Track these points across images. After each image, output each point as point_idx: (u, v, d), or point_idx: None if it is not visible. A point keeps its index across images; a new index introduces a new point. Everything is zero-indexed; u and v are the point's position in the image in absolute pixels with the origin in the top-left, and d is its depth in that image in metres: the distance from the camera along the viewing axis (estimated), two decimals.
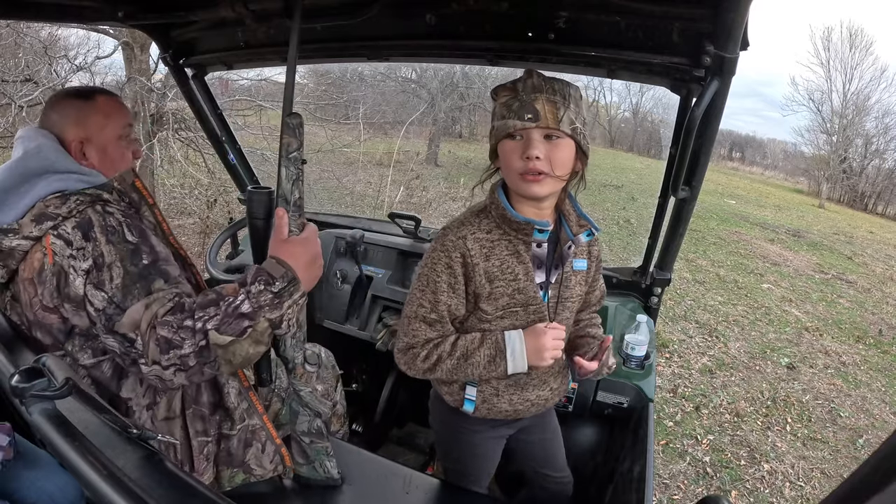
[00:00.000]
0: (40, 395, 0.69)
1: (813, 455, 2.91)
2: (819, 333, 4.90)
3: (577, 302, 1.15)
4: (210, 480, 1.08)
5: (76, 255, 0.88)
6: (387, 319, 1.95)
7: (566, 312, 1.13)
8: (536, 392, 1.18)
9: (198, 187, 5.09)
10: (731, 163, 33.37)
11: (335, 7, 1.09)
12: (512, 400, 1.16)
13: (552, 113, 0.92)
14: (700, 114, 0.90)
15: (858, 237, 11.48)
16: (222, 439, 1.10)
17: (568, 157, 0.96)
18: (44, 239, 0.90)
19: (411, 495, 1.29)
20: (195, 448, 1.05)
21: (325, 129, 6.34)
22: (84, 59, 4.96)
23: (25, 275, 0.92)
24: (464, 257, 1.01)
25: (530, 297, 1.05)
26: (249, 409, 1.14)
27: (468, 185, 10.02)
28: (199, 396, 1.06)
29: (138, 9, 1.28)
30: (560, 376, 1.24)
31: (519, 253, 1.03)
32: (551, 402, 1.25)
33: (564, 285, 1.10)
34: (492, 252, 1.02)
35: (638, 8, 0.92)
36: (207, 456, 1.07)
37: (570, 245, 1.06)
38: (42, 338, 0.94)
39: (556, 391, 1.25)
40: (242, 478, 1.13)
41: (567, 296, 1.11)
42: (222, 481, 1.11)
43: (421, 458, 2.10)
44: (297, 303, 0.90)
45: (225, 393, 1.11)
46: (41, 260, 0.90)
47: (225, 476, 1.11)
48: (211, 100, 1.81)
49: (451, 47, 1.22)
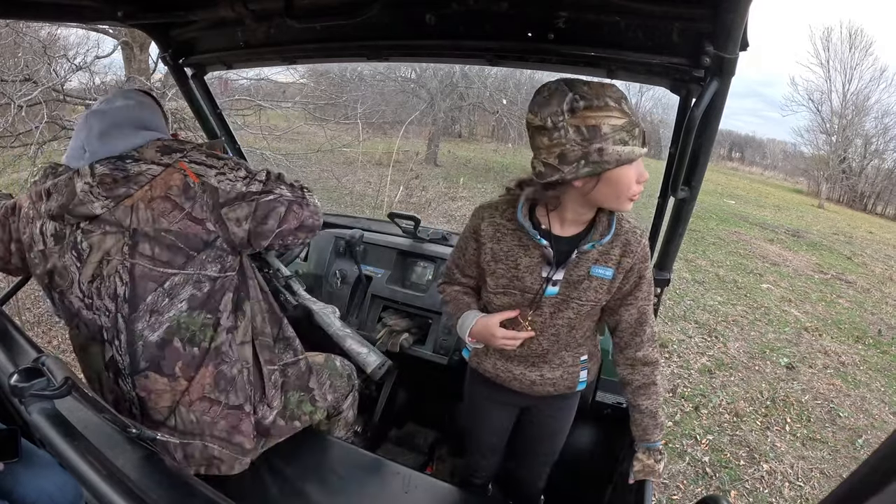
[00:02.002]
0: (39, 395, 0.69)
1: (812, 455, 2.91)
2: (818, 333, 4.90)
3: (588, 306, 1.14)
4: (279, 408, 1.22)
5: (224, 170, 1.06)
6: (386, 319, 1.94)
7: (570, 312, 1.14)
8: (522, 370, 1.26)
9: None
10: (730, 163, 33.41)
11: (335, 6, 1.09)
12: (496, 365, 1.28)
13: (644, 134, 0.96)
14: (700, 114, 0.90)
15: (858, 237, 11.49)
16: (287, 367, 1.26)
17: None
18: (177, 164, 1.03)
19: (410, 495, 1.29)
20: (265, 374, 1.17)
21: (325, 129, 6.34)
22: (83, 58, 4.94)
23: (156, 193, 1.00)
24: (476, 234, 1.16)
25: (527, 286, 1.12)
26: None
27: (468, 185, 10.03)
28: (264, 328, 1.18)
29: (138, 8, 1.28)
30: (560, 370, 1.25)
31: (526, 246, 1.11)
32: (540, 389, 1.27)
33: (574, 286, 1.11)
34: (503, 237, 1.12)
35: (638, 8, 0.92)
36: (275, 383, 1.21)
37: (580, 252, 1.08)
38: (174, 245, 1.01)
39: (550, 381, 1.26)
40: (309, 409, 1.30)
41: (575, 297, 1.12)
42: (290, 406, 1.26)
43: (420, 459, 2.10)
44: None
45: (284, 325, 1.27)
46: (182, 180, 1.02)
47: (293, 400, 1.27)
48: (210, 99, 1.81)
49: (451, 47, 1.22)
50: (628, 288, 1.15)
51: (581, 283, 1.11)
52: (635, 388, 1.21)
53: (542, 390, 1.28)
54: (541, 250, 1.09)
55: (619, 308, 1.17)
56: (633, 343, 1.20)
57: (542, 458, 1.51)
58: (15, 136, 4.46)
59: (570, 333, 1.20)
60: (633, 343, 1.20)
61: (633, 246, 1.10)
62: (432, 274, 1.97)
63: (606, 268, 1.11)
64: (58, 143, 4.70)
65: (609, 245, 1.10)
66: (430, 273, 1.98)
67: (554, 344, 1.21)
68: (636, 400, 1.21)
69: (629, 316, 1.17)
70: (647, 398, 1.21)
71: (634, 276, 1.13)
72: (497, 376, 1.30)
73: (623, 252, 1.10)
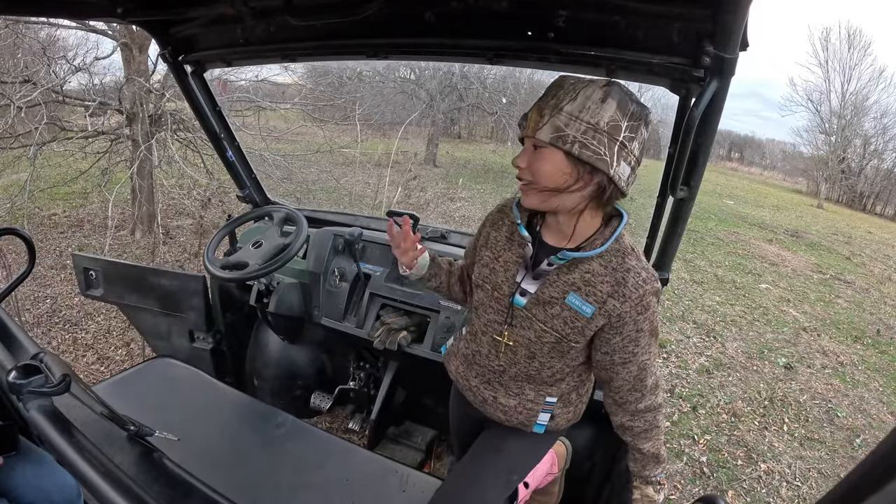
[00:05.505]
0: (38, 392, 0.69)
1: (810, 455, 2.92)
2: (817, 333, 4.91)
3: (552, 337, 0.99)
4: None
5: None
6: (385, 317, 1.94)
7: (530, 333, 1.01)
8: (478, 384, 1.16)
9: (196, 188, 5.08)
10: (729, 163, 33.45)
11: (335, 4, 1.09)
12: (458, 368, 1.22)
13: (535, 121, 0.88)
14: (699, 114, 0.90)
15: (857, 237, 11.50)
16: None
17: (550, 169, 0.88)
18: None
19: (408, 493, 1.29)
20: None
21: (324, 130, 6.33)
22: (83, 59, 4.94)
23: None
24: (486, 219, 1.14)
25: (498, 284, 1.05)
26: None
27: (466, 186, 10.02)
28: None
29: (137, 5, 1.27)
30: (516, 399, 1.12)
31: (512, 240, 1.06)
32: (490, 411, 1.15)
33: (542, 306, 0.99)
34: (501, 226, 1.09)
35: (638, 7, 0.92)
36: None
37: (549, 262, 0.97)
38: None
39: (501, 408, 1.13)
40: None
41: (541, 319, 0.99)
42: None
43: (418, 457, 2.11)
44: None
45: None
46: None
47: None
48: (210, 97, 1.81)
49: (451, 46, 1.22)
50: (619, 341, 0.97)
51: (551, 307, 0.98)
52: (636, 434, 1.08)
53: (493, 414, 1.15)
54: (523, 248, 1.01)
55: (613, 366, 1.01)
56: (632, 399, 1.04)
57: (491, 482, 1.18)
58: (14, 137, 4.46)
59: (529, 362, 1.06)
60: (632, 399, 1.04)
61: (628, 289, 0.92)
62: None
63: (585, 302, 0.95)
64: (57, 144, 4.70)
65: (598, 275, 0.94)
66: None
67: (511, 365, 1.08)
68: (637, 444, 1.08)
69: (627, 374, 1.01)
70: (648, 441, 1.08)
71: (629, 329, 0.95)
72: (457, 380, 1.22)
73: (613, 291, 0.93)
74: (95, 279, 2.18)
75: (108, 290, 2.18)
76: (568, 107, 0.85)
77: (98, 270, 2.16)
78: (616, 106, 0.85)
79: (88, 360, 3.08)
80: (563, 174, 0.88)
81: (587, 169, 0.87)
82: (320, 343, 2.35)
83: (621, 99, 0.86)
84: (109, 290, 2.19)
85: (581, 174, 0.88)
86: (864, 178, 19.45)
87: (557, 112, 0.85)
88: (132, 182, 4.95)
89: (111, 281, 2.17)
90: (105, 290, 2.19)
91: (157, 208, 5.09)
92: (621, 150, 0.87)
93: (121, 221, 5.48)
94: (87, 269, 2.17)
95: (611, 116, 0.85)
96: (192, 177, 4.94)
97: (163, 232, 4.94)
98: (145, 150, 4.52)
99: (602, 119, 0.85)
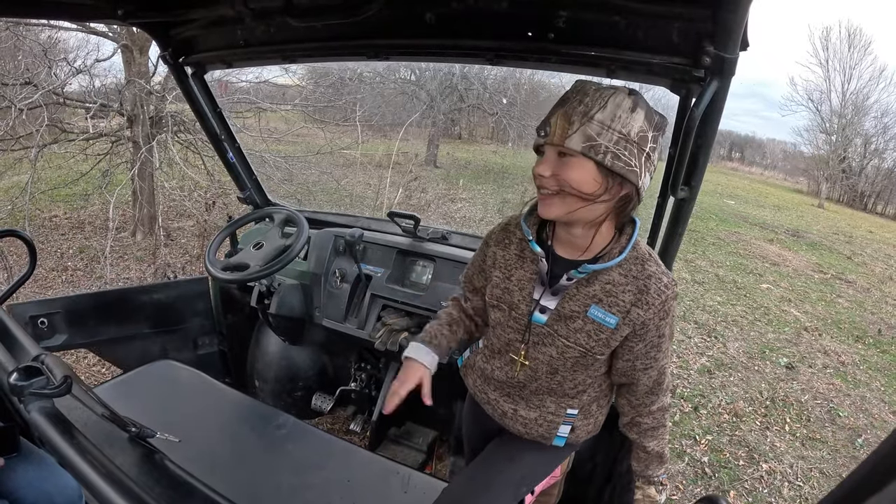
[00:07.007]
0: (39, 393, 0.69)
1: (812, 455, 2.91)
2: (818, 333, 4.90)
3: (577, 351, 0.98)
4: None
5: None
6: (386, 318, 1.94)
7: (552, 350, 1.00)
8: (497, 397, 1.15)
9: (197, 189, 5.08)
10: (730, 163, 33.43)
11: (335, 5, 1.09)
12: (476, 382, 1.20)
13: (562, 128, 0.84)
14: (700, 114, 0.90)
15: (858, 237, 11.49)
16: None
17: (581, 179, 0.85)
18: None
19: (409, 494, 1.29)
20: None
21: (324, 131, 6.33)
22: (83, 61, 4.96)
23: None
24: (489, 238, 1.11)
25: (514, 304, 1.03)
26: None
27: (467, 187, 10.03)
28: None
29: (138, 7, 1.27)
30: (536, 412, 1.11)
31: (524, 258, 1.03)
32: (510, 424, 1.14)
33: (564, 322, 0.97)
34: (509, 245, 1.06)
35: (638, 8, 0.92)
36: None
37: (568, 277, 0.95)
38: None
39: (521, 420, 1.12)
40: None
41: (563, 334, 0.98)
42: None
43: (419, 458, 2.10)
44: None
45: None
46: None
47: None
48: (210, 98, 1.81)
49: (451, 46, 1.22)
50: (642, 347, 0.97)
51: (573, 321, 0.96)
52: (643, 431, 1.10)
53: (513, 427, 1.14)
54: (536, 265, 0.99)
55: (634, 372, 1.02)
56: (648, 402, 1.07)
57: (501, 490, 1.18)
58: (15, 139, 4.47)
59: (551, 377, 1.05)
60: (648, 402, 1.07)
61: (651, 296, 0.92)
62: (432, 273, 1.97)
63: (608, 313, 0.94)
64: (58, 146, 4.71)
65: (619, 285, 0.93)
66: (430, 272, 1.98)
67: (531, 381, 1.07)
68: (643, 441, 1.10)
69: (648, 378, 1.02)
70: (654, 439, 1.10)
71: (651, 335, 0.95)
72: (475, 394, 1.21)
73: (636, 300, 0.92)
74: (48, 328, 1.77)
75: (74, 333, 1.84)
76: (599, 115, 0.82)
77: (54, 314, 1.79)
78: (644, 116, 0.84)
79: (90, 361, 3.08)
80: (594, 184, 0.85)
81: (617, 180, 0.86)
82: (321, 344, 2.35)
83: (648, 108, 0.85)
84: (75, 334, 1.85)
85: (610, 185, 0.86)
86: (864, 178, 19.43)
87: (588, 120, 0.82)
88: (133, 184, 4.95)
89: (75, 321, 1.84)
90: (69, 334, 1.83)
91: (157, 210, 5.09)
92: (647, 160, 0.86)
93: (122, 223, 5.48)
94: (34, 317, 1.74)
95: (640, 127, 0.84)
96: (192, 178, 4.94)
97: (164, 234, 4.94)
98: (146, 151, 4.52)
99: (633, 129, 0.83)
